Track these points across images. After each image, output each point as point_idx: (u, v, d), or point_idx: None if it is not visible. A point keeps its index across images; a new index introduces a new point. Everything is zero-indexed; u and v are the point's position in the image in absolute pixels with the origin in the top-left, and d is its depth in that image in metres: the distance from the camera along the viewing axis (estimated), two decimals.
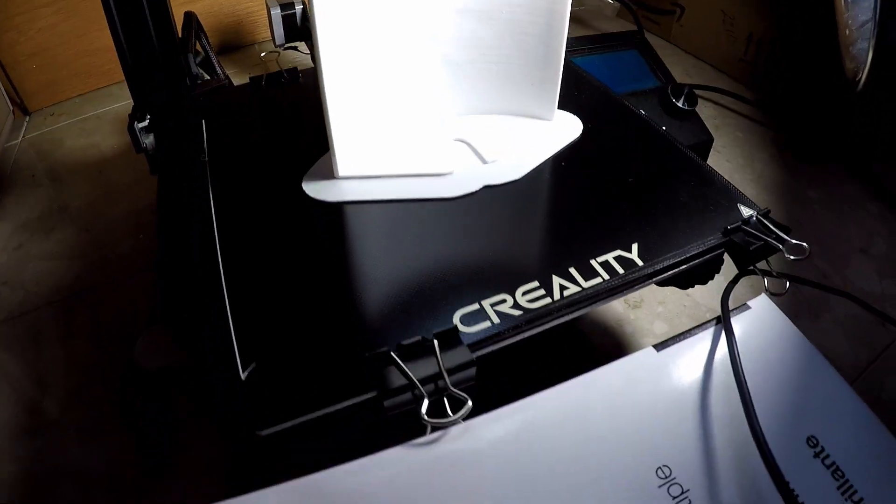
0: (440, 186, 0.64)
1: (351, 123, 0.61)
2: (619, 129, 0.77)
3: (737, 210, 0.65)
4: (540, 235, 0.61)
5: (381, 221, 0.62)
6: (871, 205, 1.27)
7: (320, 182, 0.64)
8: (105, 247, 1.11)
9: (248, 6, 1.70)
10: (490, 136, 0.70)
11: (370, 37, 0.59)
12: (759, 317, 0.59)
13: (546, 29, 0.66)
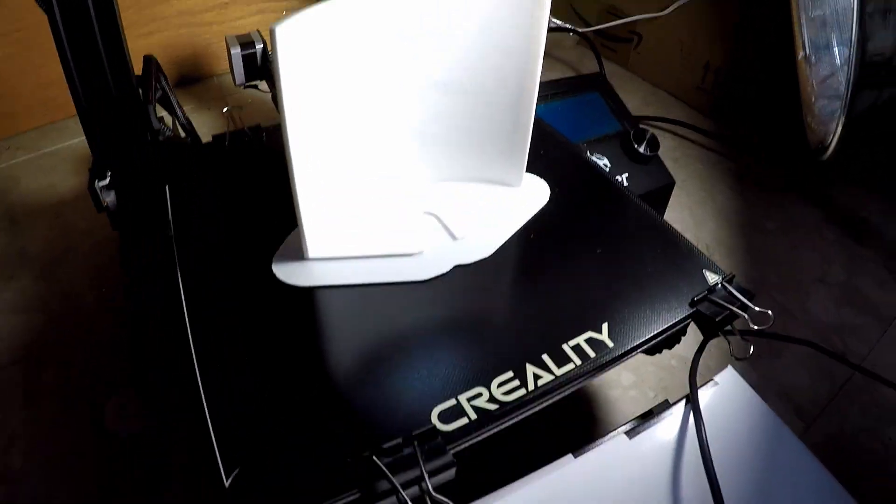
0: (411, 268, 0.64)
1: (320, 205, 0.61)
2: (585, 191, 0.78)
3: (702, 276, 0.66)
4: (512, 319, 0.61)
5: (355, 308, 0.62)
6: (827, 231, 1.30)
7: (290, 264, 0.64)
8: (67, 298, 1.09)
9: (206, 38, 1.69)
10: (459, 209, 0.70)
11: (340, 115, 0.59)
12: (726, 392, 0.61)
13: (515, 101, 0.67)
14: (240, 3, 1.69)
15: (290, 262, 0.65)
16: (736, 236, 1.28)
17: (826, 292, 1.17)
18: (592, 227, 0.72)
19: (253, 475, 0.48)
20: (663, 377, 0.97)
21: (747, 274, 1.19)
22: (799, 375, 1.01)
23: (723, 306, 0.63)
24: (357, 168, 0.65)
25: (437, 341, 0.59)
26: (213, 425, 0.50)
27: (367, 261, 0.65)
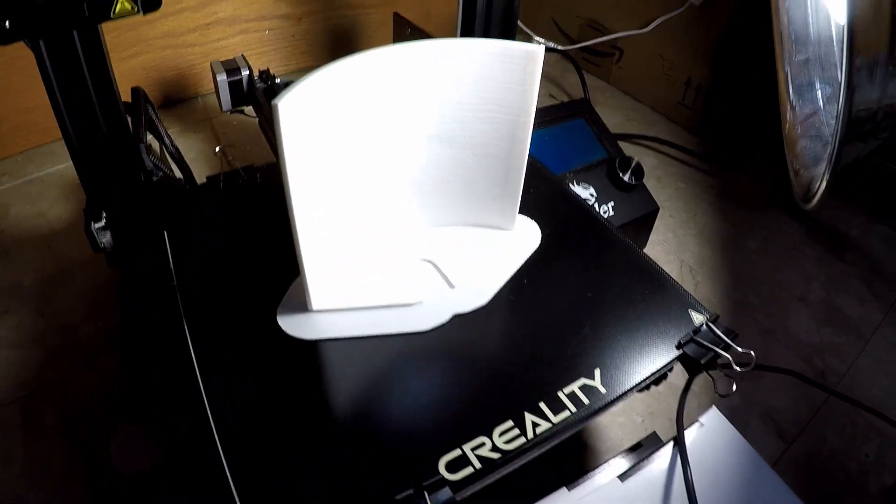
0: (412, 318, 0.66)
1: (322, 260, 0.64)
2: (575, 231, 0.80)
3: (688, 317, 0.69)
4: (510, 367, 0.64)
5: (360, 360, 0.64)
6: (808, 248, 1.33)
7: (295, 316, 0.66)
8: (63, 333, 1.09)
9: (190, 59, 1.70)
10: (455, 255, 0.73)
11: (339, 172, 0.61)
12: (710, 433, 0.64)
13: (508, 152, 0.70)
14: (222, 24, 1.70)
15: (294, 314, 0.67)
16: (718, 257, 1.31)
17: (807, 311, 1.20)
18: (583, 271, 0.74)
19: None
20: (650, 403, 1.00)
21: (730, 296, 1.22)
22: (780, 397, 1.04)
23: (708, 348, 0.66)
24: (356, 219, 0.67)
25: (440, 391, 0.61)
26: (232, 479, 0.53)
27: (369, 312, 0.67)
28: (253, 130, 1.50)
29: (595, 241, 0.79)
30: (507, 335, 0.68)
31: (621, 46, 1.82)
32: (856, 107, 0.71)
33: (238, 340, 0.66)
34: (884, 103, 0.74)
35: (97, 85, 0.79)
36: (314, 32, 1.86)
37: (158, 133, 1.14)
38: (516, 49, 0.63)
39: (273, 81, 1.31)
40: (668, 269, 1.16)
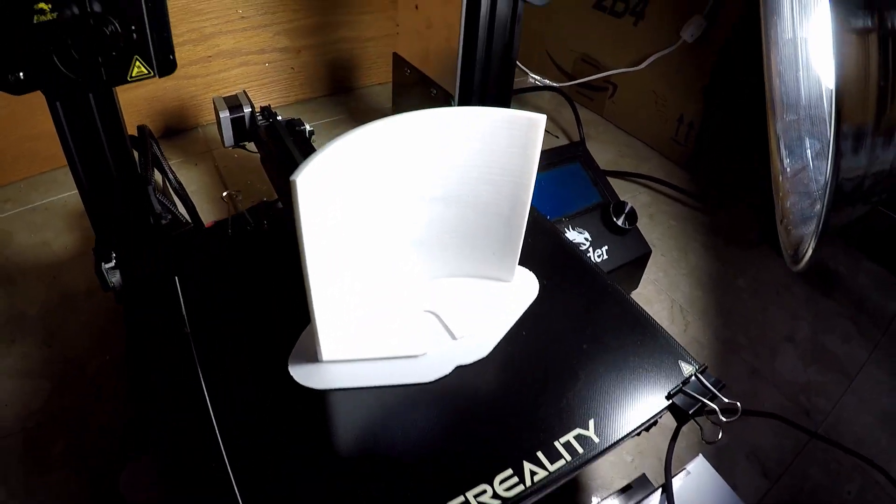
0: (416, 370, 0.70)
1: (333, 315, 0.67)
2: (571, 282, 0.84)
3: (678, 368, 0.72)
4: (510, 418, 0.67)
5: (365, 408, 0.67)
6: (796, 287, 1.37)
7: (305, 366, 0.70)
8: (71, 365, 1.11)
9: (191, 91, 1.73)
10: (457, 307, 0.76)
11: (351, 234, 0.64)
12: (697, 480, 0.67)
13: (510, 210, 0.73)
14: (223, 56, 1.73)
15: (304, 363, 0.70)
16: (708, 296, 1.34)
17: (794, 351, 1.24)
18: (579, 322, 0.78)
19: None
20: (640, 442, 1.03)
21: (719, 336, 1.25)
22: (766, 437, 1.07)
23: (695, 398, 0.69)
24: (364, 275, 0.70)
25: (443, 439, 0.65)
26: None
27: (376, 363, 0.71)
28: (254, 164, 1.53)
29: (590, 291, 0.82)
30: (507, 386, 0.71)
31: (615, 81, 1.86)
32: (843, 174, 0.74)
33: (251, 388, 0.69)
34: (871, 171, 0.76)
35: (109, 136, 0.82)
36: (313, 65, 1.90)
37: (163, 169, 1.17)
38: (520, 117, 0.66)
39: (275, 118, 1.34)
40: (660, 309, 1.21)
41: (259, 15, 1.72)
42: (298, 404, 0.67)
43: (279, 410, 0.67)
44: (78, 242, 1.39)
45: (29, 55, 0.67)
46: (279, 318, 0.76)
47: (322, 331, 0.66)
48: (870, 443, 1.07)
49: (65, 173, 1.58)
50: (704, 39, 1.57)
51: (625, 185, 1.66)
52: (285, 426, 0.65)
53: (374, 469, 0.62)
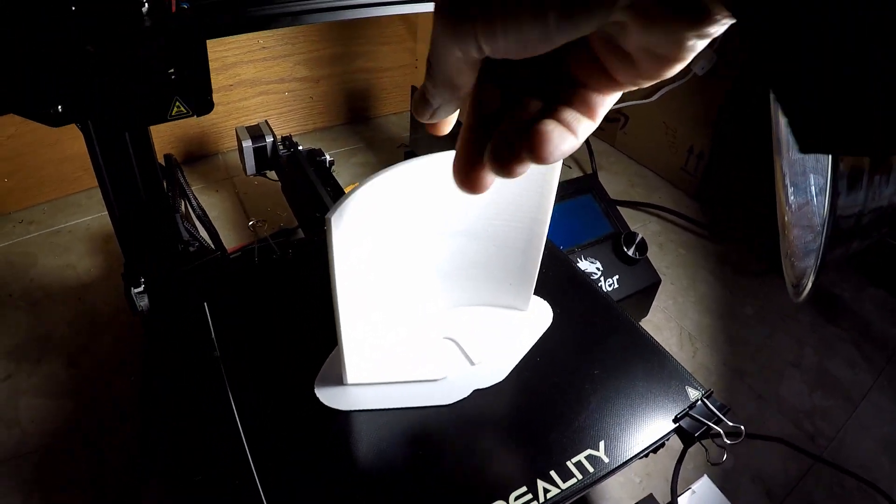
0: (437, 393, 0.74)
1: (359, 341, 0.71)
2: (584, 311, 0.87)
3: (685, 393, 0.76)
4: (525, 439, 0.71)
5: (389, 429, 0.71)
6: (802, 314, 1.40)
7: (331, 389, 0.73)
8: (95, 386, 1.15)
9: (212, 118, 1.78)
10: (475, 334, 0.80)
11: (379, 265, 0.68)
12: (701, 500, 0.71)
13: (526, 244, 0.77)
14: (244, 85, 1.78)
15: (330, 386, 0.74)
16: (716, 323, 1.38)
17: (799, 377, 1.27)
18: (590, 349, 0.81)
19: None
20: (648, 464, 1.06)
21: (726, 363, 1.28)
22: (771, 460, 1.10)
23: (701, 422, 0.73)
24: (389, 304, 0.74)
25: (462, 459, 0.68)
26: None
27: (398, 386, 0.75)
28: (273, 191, 1.57)
29: (601, 320, 0.86)
30: (522, 409, 0.75)
31: (627, 113, 1.90)
32: (839, 211, 0.76)
33: (278, 409, 0.72)
34: (869, 207, 0.79)
35: (141, 167, 0.86)
36: (332, 94, 1.94)
37: (187, 196, 1.21)
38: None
39: (296, 148, 1.38)
40: (669, 335, 1.24)
41: (279, 45, 1.77)
42: (323, 424, 0.71)
43: (305, 430, 0.70)
44: (102, 265, 1.43)
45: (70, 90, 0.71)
46: (305, 343, 0.80)
47: (348, 356, 0.70)
48: (873, 467, 1.10)
49: (88, 196, 1.63)
50: (714, 73, 1.61)
51: (635, 215, 1.69)
52: (310, 445, 0.69)
53: (397, 485, 0.65)
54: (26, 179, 1.57)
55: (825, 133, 0.19)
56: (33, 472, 1.01)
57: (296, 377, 0.75)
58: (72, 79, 0.69)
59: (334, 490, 0.64)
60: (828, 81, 0.17)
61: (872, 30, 0.16)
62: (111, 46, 0.67)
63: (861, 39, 0.16)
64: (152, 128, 0.83)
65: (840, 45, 0.17)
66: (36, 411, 1.10)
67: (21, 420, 1.08)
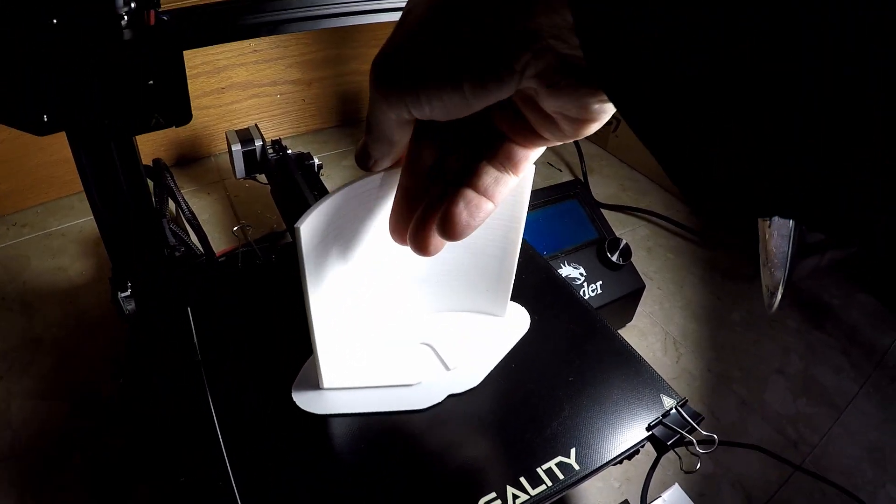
0: (411, 398, 0.74)
1: (333, 346, 0.72)
2: (562, 318, 0.88)
3: (659, 401, 0.77)
4: (496, 446, 0.72)
5: (361, 434, 0.72)
6: (789, 319, 1.40)
7: (308, 393, 0.74)
8: (87, 388, 1.16)
9: (203, 121, 1.79)
10: (451, 340, 0.81)
11: (352, 273, 0.69)
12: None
13: (502, 251, 0.78)
14: (235, 88, 1.79)
15: (307, 391, 0.75)
16: (703, 329, 1.38)
17: (784, 383, 1.28)
18: (567, 356, 0.82)
19: None
20: (627, 469, 1.07)
21: (711, 368, 1.29)
22: (752, 466, 1.11)
23: (674, 430, 0.73)
24: (364, 310, 0.75)
25: (432, 464, 0.69)
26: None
27: (373, 391, 0.75)
28: (264, 194, 1.58)
29: (579, 327, 0.86)
30: (494, 415, 0.75)
31: (618, 116, 1.90)
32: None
33: (257, 413, 0.73)
34: None
35: (126, 173, 0.86)
36: (323, 97, 1.95)
37: (177, 200, 1.22)
38: None
39: (285, 152, 1.39)
40: (654, 341, 1.25)
41: (271, 48, 1.77)
42: (298, 428, 0.72)
43: (281, 433, 0.71)
44: (93, 268, 1.44)
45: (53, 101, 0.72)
46: (285, 348, 0.80)
47: (323, 361, 0.71)
48: (856, 475, 1.11)
49: (80, 199, 1.63)
50: None
51: (625, 219, 1.70)
52: (287, 449, 0.70)
53: (368, 491, 0.66)
54: (19, 182, 1.58)
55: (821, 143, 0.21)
56: (26, 474, 1.01)
57: (274, 381, 0.76)
58: (55, 90, 0.70)
59: (305, 491, 0.65)
60: (828, 83, 0.18)
61: (872, 29, 0.17)
62: (91, 59, 0.68)
63: (861, 39, 0.17)
64: None
65: (840, 46, 0.18)
66: (28, 413, 1.11)
67: (13, 422, 1.09)
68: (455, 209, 0.41)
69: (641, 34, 0.22)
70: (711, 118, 0.22)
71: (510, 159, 0.40)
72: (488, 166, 0.41)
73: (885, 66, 0.17)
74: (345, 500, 0.65)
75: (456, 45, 0.31)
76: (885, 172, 0.19)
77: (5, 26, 0.66)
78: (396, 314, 0.78)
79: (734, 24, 0.20)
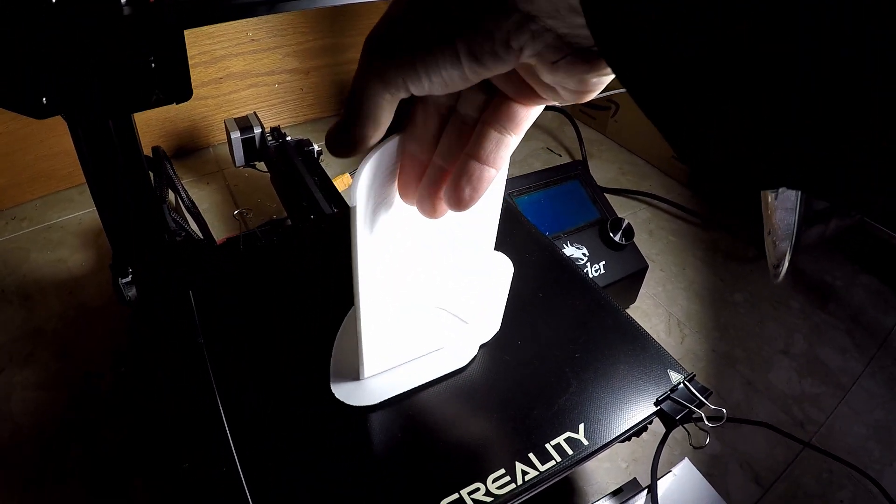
0: (447, 361, 0.75)
1: (376, 340, 0.71)
2: (566, 295, 0.87)
3: (667, 375, 0.76)
4: (504, 422, 0.71)
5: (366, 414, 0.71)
6: (793, 300, 1.40)
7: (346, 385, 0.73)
8: (87, 377, 1.15)
9: (202, 112, 1.78)
10: (456, 297, 0.80)
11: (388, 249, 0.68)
12: (682, 482, 0.72)
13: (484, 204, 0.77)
14: (233, 77, 1.78)
15: (345, 382, 0.74)
16: (706, 310, 1.38)
17: (789, 363, 1.27)
18: (572, 333, 0.81)
19: None
20: (635, 449, 1.07)
21: (715, 349, 1.28)
22: (758, 445, 1.10)
23: (682, 405, 0.73)
24: (393, 293, 0.74)
25: (441, 441, 0.69)
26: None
27: (408, 366, 0.75)
28: (263, 183, 1.58)
29: (584, 304, 0.86)
30: (502, 392, 0.75)
31: (617, 101, 1.90)
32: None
33: (259, 394, 0.73)
34: None
35: (127, 158, 0.86)
36: (321, 85, 1.94)
37: (176, 188, 1.21)
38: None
39: (284, 139, 1.38)
40: (657, 322, 1.24)
41: (269, 37, 1.76)
42: (306, 412, 0.71)
43: (288, 418, 0.71)
44: (93, 260, 1.43)
45: (54, 82, 0.71)
46: (287, 329, 0.80)
47: (367, 350, 0.70)
48: (862, 454, 1.10)
49: (79, 192, 1.63)
50: None
51: (626, 202, 1.70)
52: (289, 429, 0.69)
53: (375, 467, 0.66)
54: (17, 176, 1.57)
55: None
56: (27, 465, 1.01)
57: (279, 364, 0.75)
58: (54, 71, 0.69)
59: (309, 471, 0.64)
60: (825, 64, 0.18)
61: (870, 10, 0.17)
62: (92, 37, 0.67)
63: (859, 20, 0.17)
64: (143, 122, 0.82)
65: (838, 27, 0.18)
66: (28, 404, 1.10)
67: (14, 413, 1.09)
68: (460, 183, 0.41)
69: (639, 15, 0.23)
70: (708, 100, 0.22)
71: (511, 119, 0.40)
72: (489, 129, 0.40)
73: (883, 48, 0.17)
74: (351, 479, 0.65)
75: (451, 21, 0.32)
76: (883, 154, 0.19)
77: (3, 7, 0.66)
78: (413, 283, 0.77)
79: (732, 6, 0.20)
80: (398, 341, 0.74)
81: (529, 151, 1.86)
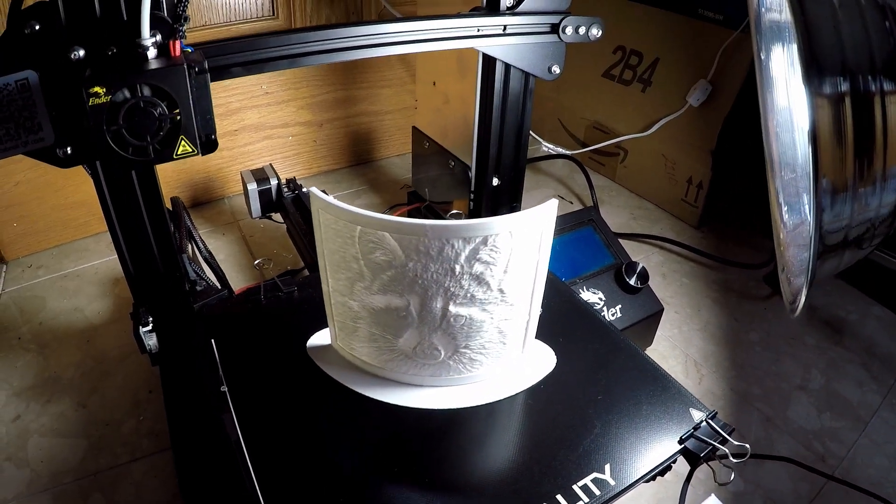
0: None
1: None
2: (587, 339, 0.89)
3: (689, 414, 0.77)
4: (531, 463, 0.72)
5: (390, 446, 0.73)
6: (808, 336, 1.40)
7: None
8: (106, 426, 1.15)
9: (217, 163, 1.80)
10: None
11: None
12: None
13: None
14: (248, 130, 1.80)
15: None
16: (722, 350, 1.38)
17: (807, 399, 1.27)
18: (595, 376, 0.82)
19: None
20: (658, 490, 1.06)
21: (733, 388, 1.28)
22: (782, 481, 1.10)
23: (706, 442, 0.74)
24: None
25: (468, 482, 0.69)
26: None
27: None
28: (279, 233, 1.59)
29: (604, 347, 0.87)
30: (528, 434, 0.75)
31: (626, 147, 1.92)
32: (825, 226, 0.78)
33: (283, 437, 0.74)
34: (857, 220, 0.81)
35: (149, 208, 0.88)
36: (335, 137, 1.97)
37: (194, 238, 1.23)
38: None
39: (300, 190, 1.40)
40: (675, 363, 1.25)
41: (282, 90, 1.79)
42: (327, 451, 0.72)
43: (311, 463, 0.71)
44: (110, 308, 1.44)
45: (80, 133, 0.73)
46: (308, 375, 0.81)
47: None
48: (886, 485, 1.09)
49: (95, 241, 1.64)
50: (710, 103, 1.63)
51: (638, 247, 1.70)
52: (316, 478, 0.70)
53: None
54: (34, 225, 1.59)
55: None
56: None
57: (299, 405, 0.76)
58: (82, 123, 0.71)
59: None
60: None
61: None
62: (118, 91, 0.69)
63: None
64: (160, 173, 0.84)
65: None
66: (45, 451, 1.10)
67: (30, 460, 1.08)
68: None
69: None
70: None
71: None
72: None
73: None
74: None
75: None
76: None
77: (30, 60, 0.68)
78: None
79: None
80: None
81: (542, 199, 1.87)
